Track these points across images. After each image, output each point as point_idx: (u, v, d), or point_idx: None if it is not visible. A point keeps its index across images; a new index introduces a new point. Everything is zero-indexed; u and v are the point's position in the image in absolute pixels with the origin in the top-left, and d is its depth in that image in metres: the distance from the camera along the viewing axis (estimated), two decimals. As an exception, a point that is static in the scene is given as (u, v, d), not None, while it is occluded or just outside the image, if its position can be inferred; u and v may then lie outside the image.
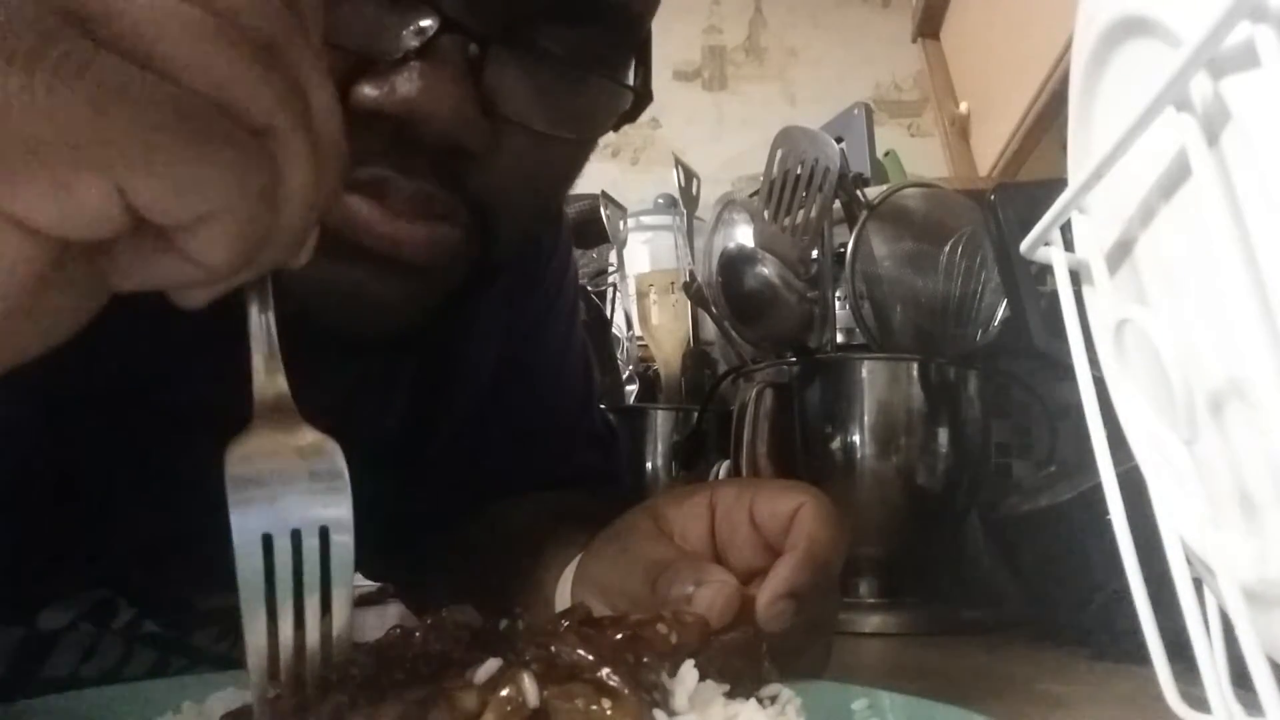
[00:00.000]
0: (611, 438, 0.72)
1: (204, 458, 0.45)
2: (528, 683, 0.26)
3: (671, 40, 2.33)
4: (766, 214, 0.81)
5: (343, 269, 0.38)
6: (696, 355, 1.10)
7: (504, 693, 0.26)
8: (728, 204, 0.89)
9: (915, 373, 0.78)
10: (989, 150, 1.51)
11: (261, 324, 0.29)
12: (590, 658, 0.28)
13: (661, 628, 0.32)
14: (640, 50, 0.44)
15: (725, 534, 0.43)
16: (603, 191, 1.15)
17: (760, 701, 0.31)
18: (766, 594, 0.38)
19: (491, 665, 0.27)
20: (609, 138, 0.46)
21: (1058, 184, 0.29)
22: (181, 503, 0.47)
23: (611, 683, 0.27)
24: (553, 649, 0.29)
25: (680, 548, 0.43)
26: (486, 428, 0.62)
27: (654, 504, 0.46)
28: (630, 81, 0.44)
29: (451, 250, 0.40)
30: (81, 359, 0.37)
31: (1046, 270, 0.30)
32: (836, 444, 0.78)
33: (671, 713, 0.29)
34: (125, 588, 0.48)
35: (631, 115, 0.45)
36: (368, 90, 0.36)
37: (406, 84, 0.36)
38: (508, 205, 0.42)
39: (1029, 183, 1.14)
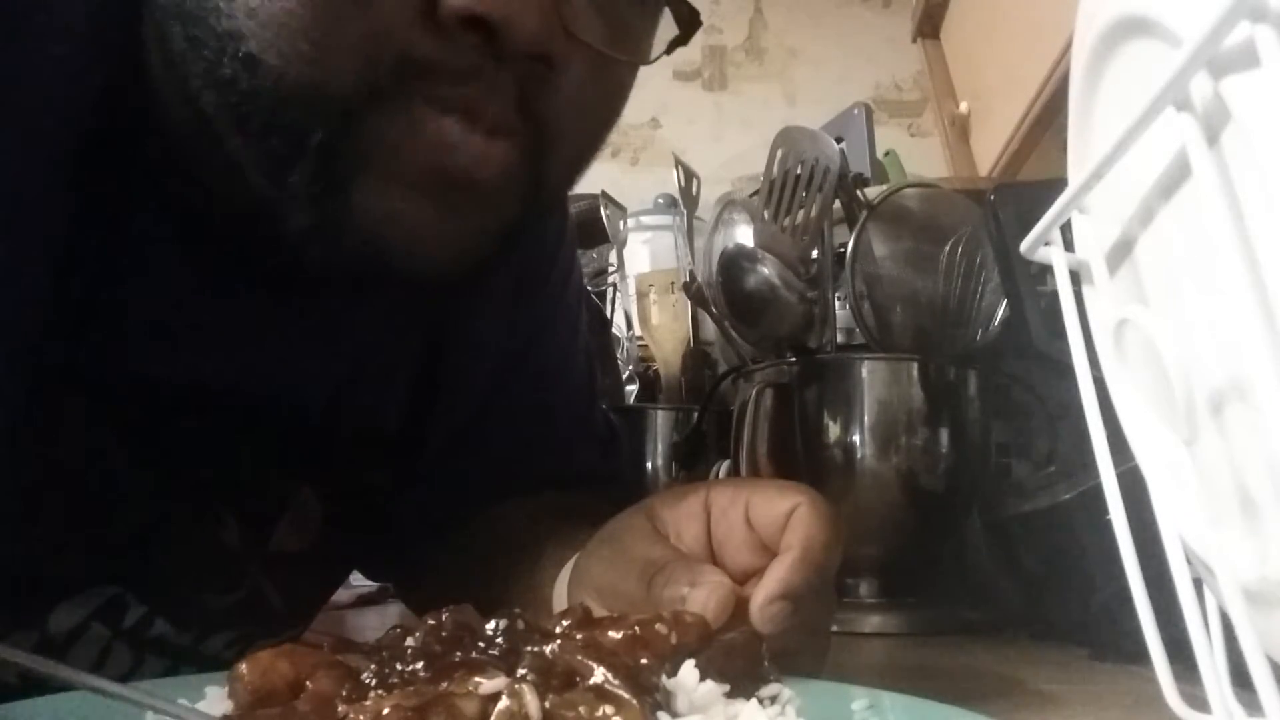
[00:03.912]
0: (613, 438, 0.72)
1: (196, 441, 0.44)
2: (529, 695, 0.26)
3: (671, 40, 2.33)
4: (766, 214, 0.81)
5: (418, 199, 0.39)
6: (696, 355, 1.10)
7: (505, 703, 0.26)
8: (728, 204, 0.89)
9: (915, 373, 0.78)
10: (989, 150, 1.51)
11: None
12: (590, 662, 0.28)
13: (661, 628, 0.32)
14: None
15: (721, 534, 0.43)
16: (603, 191, 1.15)
17: (760, 701, 0.31)
18: (761, 595, 0.38)
19: (500, 682, 0.27)
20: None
21: (1058, 184, 0.29)
22: (178, 488, 0.47)
23: (613, 688, 0.27)
24: (550, 652, 0.29)
25: (676, 548, 0.43)
26: (489, 429, 0.62)
27: (650, 504, 0.46)
28: None
29: (513, 174, 0.41)
30: (71, 338, 0.36)
31: (1046, 270, 0.30)
32: (836, 444, 0.77)
33: (674, 714, 0.29)
34: (133, 582, 0.48)
35: (683, 37, 0.45)
36: None
37: None
38: (567, 130, 0.42)
39: (1029, 183, 1.14)
